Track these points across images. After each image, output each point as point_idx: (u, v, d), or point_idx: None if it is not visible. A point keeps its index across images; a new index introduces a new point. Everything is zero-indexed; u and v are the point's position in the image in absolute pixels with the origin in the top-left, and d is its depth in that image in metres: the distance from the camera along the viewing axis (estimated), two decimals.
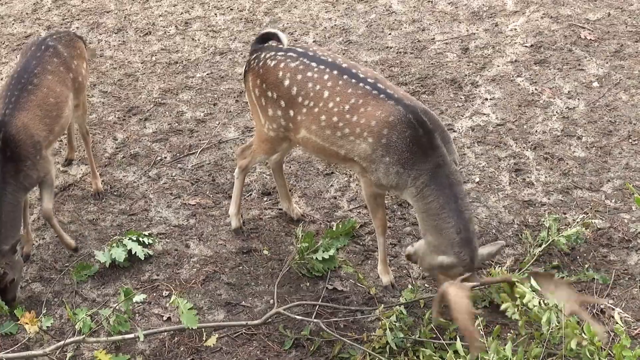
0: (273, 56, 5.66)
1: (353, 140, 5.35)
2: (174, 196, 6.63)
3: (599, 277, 5.72)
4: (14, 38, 8.27)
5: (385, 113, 5.23)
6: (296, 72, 5.54)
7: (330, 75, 5.45)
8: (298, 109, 5.54)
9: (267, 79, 5.64)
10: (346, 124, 5.35)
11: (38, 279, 6.11)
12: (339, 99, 5.38)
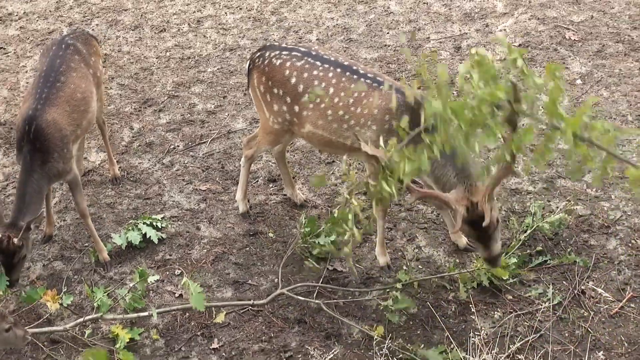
0: (278, 55, 5.67)
1: (359, 130, 5.40)
2: (186, 182, 6.62)
3: (580, 261, 5.73)
4: (38, 34, 8.26)
5: (385, 101, 5.27)
6: (302, 70, 5.56)
7: (334, 72, 5.48)
8: (304, 105, 5.56)
9: (274, 77, 5.65)
10: (352, 116, 5.41)
11: (59, 258, 6.12)
12: (343, 94, 5.40)
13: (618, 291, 5.52)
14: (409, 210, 6.18)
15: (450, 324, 5.44)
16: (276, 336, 5.49)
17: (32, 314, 5.72)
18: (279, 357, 5.37)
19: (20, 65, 7.87)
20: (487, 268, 5.53)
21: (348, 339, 5.40)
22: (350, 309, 5.58)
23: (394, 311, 5.43)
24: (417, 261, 5.86)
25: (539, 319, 5.38)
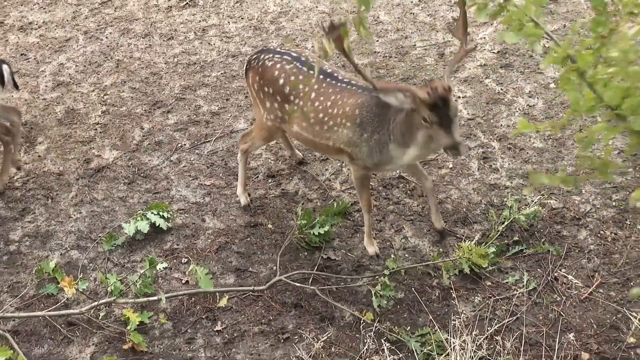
0: (271, 57, 5.74)
1: (337, 130, 5.44)
2: (192, 177, 6.61)
3: (553, 250, 5.74)
4: (56, 41, 8.25)
5: (355, 99, 5.35)
6: (290, 74, 5.61)
7: (317, 78, 5.52)
8: (291, 106, 5.62)
9: (265, 76, 5.72)
10: (330, 117, 5.45)
11: (76, 247, 6.12)
12: (323, 98, 5.47)
13: (588, 278, 5.53)
14: (397, 204, 6.19)
15: (434, 307, 5.45)
16: (275, 319, 5.50)
17: (50, 298, 5.74)
18: (277, 338, 5.38)
19: (39, 70, 7.86)
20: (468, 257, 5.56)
21: (340, 322, 5.42)
22: (342, 294, 5.59)
23: (383, 296, 5.45)
24: (403, 250, 5.86)
25: (515, 303, 5.40)
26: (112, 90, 7.54)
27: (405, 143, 5.21)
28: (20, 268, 6.00)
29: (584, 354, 5.06)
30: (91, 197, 6.51)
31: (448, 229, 5.99)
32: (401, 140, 5.21)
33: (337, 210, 6.07)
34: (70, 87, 7.63)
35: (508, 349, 4.96)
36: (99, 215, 6.36)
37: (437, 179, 6.33)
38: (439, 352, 5.01)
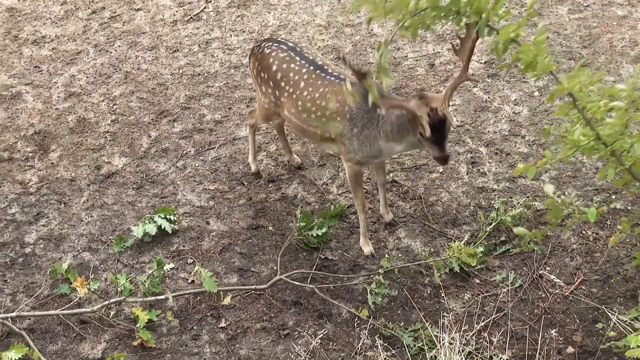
0: (269, 46, 5.87)
1: (325, 122, 5.49)
2: (196, 182, 6.62)
3: (538, 249, 5.76)
4: (68, 54, 8.25)
5: (344, 95, 5.29)
6: (283, 61, 5.71)
7: (307, 69, 5.61)
8: (281, 91, 5.72)
9: (262, 63, 5.84)
10: (318, 108, 5.50)
11: (87, 249, 6.13)
12: (311, 89, 5.54)
13: (571, 275, 5.55)
14: (390, 206, 6.19)
15: (426, 304, 5.47)
16: (275, 316, 5.51)
17: (64, 298, 5.75)
18: (278, 334, 5.39)
19: (52, 81, 7.87)
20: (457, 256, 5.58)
21: (338, 319, 5.43)
22: (339, 292, 5.61)
23: (377, 294, 5.47)
24: (397, 250, 5.88)
25: (502, 300, 5.42)
26: (121, 100, 7.55)
27: (395, 140, 5.29)
28: (35, 269, 6.01)
29: (568, 348, 5.08)
30: (102, 202, 6.52)
31: (396, 220, 6.09)
32: (391, 137, 5.28)
33: (334, 212, 6.09)
34: (81, 98, 7.63)
35: (495, 343, 4.97)
36: (109, 219, 6.37)
37: (428, 183, 6.35)
38: (430, 346, 5.03)
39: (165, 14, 8.71)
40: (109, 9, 8.86)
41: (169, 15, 8.68)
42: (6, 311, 5.64)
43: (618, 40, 7.58)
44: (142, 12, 8.78)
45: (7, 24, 8.76)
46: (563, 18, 7.98)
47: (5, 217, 6.45)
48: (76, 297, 5.63)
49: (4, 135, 7.25)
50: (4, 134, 7.25)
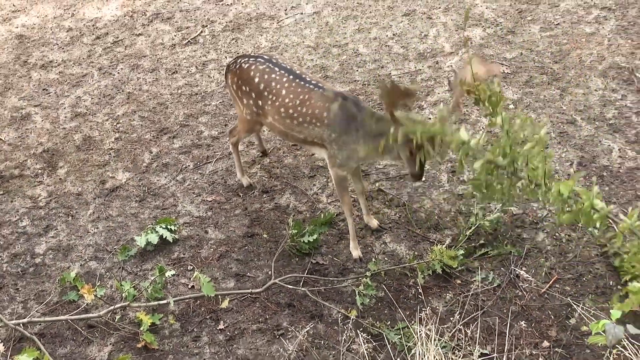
0: (247, 61, 5.94)
1: (307, 127, 5.59)
2: (195, 194, 6.64)
3: (514, 251, 5.77)
4: (74, 77, 8.28)
5: (322, 101, 5.49)
6: (264, 73, 5.79)
7: (287, 78, 5.70)
8: (264, 100, 5.78)
9: (241, 77, 5.91)
10: (299, 114, 5.59)
11: (94, 258, 6.13)
12: (292, 96, 5.62)
13: (545, 275, 5.56)
14: (376, 214, 6.21)
15: (411, 304, 5.48)
16: (270, 318, 5.52)
17: (72, 304, 5.76)
18: (273, 334, 5.40)
19: (59, 103, 7.89)
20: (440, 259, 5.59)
21: (328, 319, 5.44)
22: (330, 295, 5.61)
23: (365, 295, 5.49)
24: (383, 254, 5.89)
25: (482, 298, 5.43)
26: (124, 119, 7.57)
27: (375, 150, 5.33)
28: (45, 278, 6.02)
29: (544, 342, 5.10)
30: (107, 214, 6.53)
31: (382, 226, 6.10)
32: (371, 148, 5.34)
33: (324, 220, 6.11)
34: (86, 117, 7.65)
35: (476, 339, 4.99)
36: (114, 230, 6.38)
37: (412, 191, 6.37)
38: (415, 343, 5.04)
39: (164, 38, 8.74)
40: (111, 35, 8.89)
41: (168, 39, 8.71)
42: (18, 317, 5.65)
43: (587, 56, 7.62)
44: (143, 37, 8.80)
45: (17, 50, 8.78)
46: (535, 36, 8.02)
47: (16, 229, 6.47)
48: (84, 303, 5.64)
49: (15, 153, 7.26)
50: (15, 153, 7.27)
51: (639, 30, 7.90)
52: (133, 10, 9.29)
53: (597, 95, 7.14)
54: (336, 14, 8.76)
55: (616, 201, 6.10)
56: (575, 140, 6.69)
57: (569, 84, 7.30)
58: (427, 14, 8.57)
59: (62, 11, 9.41)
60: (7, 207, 6.68)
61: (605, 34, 7.90)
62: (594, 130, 6.77)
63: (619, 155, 6.50)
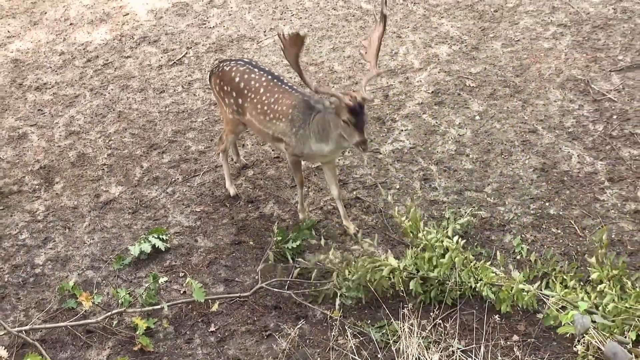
0: (228, 64, 6.13)
1: (275, 123, 5.79)
2: (185, 206, 6.64)
3: (484, 252, 5.82)
4: (67, 98, 8.24)
5: (291, 100, 5.71)
6: (244, 73, 5.97)
7: (265, 78, 5.91)
8: (244, 98, 5.95)
9: (224, 78, 6.07)
10: (271, 111, 5.79)
11: (90, 268, 6.13)
12: (268, 94, 5.82)
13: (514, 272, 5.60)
14: (354, 220, 6.24)
15: (389, 304, 5.50)
16: (258, 319, 5.54)
17: (71, 311, 5.74)
18: (261, 335, 5.41)
19: (54, 122, 7.86)
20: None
21: (313, 319, 5.47)
22: (313, 297, 5.63)
23: (347, 297, 5.51)
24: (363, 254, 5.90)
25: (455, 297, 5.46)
26: (115, 137, 7.55)
27: (322, 139, 5.61)
28: (45, 287, 6.00)
29: (513, 336, 5.14)
30: (102, 226, 6.52)
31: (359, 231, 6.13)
32: (319, 137, 5.60)
33: (306, 227, 6.13)
34: (80, 135, 7.63)
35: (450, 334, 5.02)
36: (109, 241, 6.37)
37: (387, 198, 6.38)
38: (395, 340, 5.07)
39: (151, 60, 8.73)
40: (102, 57, 8.86)
41: (155, 60, 8.70)
42: (20, 325, 5.63)
43: (545, 69, 7.70)
44: (131, 59, 8.79)
45: (12, 74, 8.74)
46: (498, 52, 8.09)
47: (16, 242, 6.44)
48: (82, 310, 5.63)
49: (13, 170, 7.23)
50: (13, 170, 7.24)
51: (592, 45, 7.99)
52: (121, 34, 9.26)
53: (556, 105, 7.22)
54: (312, 34, 8.79)
55: (576, 204, 6.18)
56: (537, 147, 6.76)
57: (530, 96, 7.37)
58: (397, 33, 8.62)
59: (54, 36, 9.37)
60: (7, 221, 6.64)
61: (562, 49, 7.98)
62: (554, 138, 6.84)
63: (578, 161, 6.57)
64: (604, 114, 7.04)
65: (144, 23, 9.43)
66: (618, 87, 7.35)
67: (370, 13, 9.06)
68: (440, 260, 5.42)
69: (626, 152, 6.60)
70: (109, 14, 9.72)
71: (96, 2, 10.02)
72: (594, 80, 7.47)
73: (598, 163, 6.52)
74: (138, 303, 5.66)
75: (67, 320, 5.62)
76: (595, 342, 4.50)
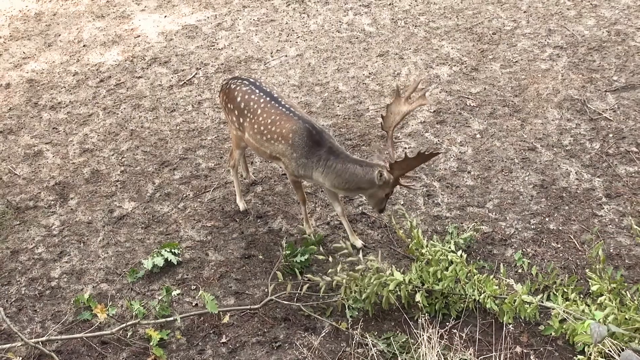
0: (235, 82, 6.16)
1: (273, 143, 5.80)
2: (196, 221, 6.63)
3: (486, 265, 5.81)
4: (81, 117, 8.25)
5: (291, 124, 5.70)
6: (245, 93, 6.01)
7: (265, 100, 5.91)
8: (244, 118, 5.99)
9: (229, 96, 6.13)
10: (269, 132, 5.81)
11: (105, 281, 6.10)
12: (265, 115, 5.84)
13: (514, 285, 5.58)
14: (360, 235, 6.24)
15: (395, 316, 5.49)
16: (268, 331, 5.51)
17: (86, 323, 5.71)
18: (271, 346, 5.38)
19: (68, 140, 7.86)
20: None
21: (321, 331, 5.43)
22: (321, 309, 5.62)
23: (354, 309, 5.49)
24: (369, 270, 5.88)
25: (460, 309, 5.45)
26: (128, 154, 7.55)
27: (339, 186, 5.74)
28: (60, 300, 5.97)
29: (517, 347, 5.12)
30: (115, 240, 6.50)
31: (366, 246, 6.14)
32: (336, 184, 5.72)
33: (314, 242, 6.11)
34: (94, 153, 7.63)
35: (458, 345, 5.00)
36: (122, 254, 6.35)
37: (392, 213, 6.38)
38: (400, 350, 5.05)
39: (162, 80, 8.75)
40: (114, 78, 8.89)
41: (166, 81, 8.73)
42: (37, 336, 5.60)
43: (543, 89, 7.72)
44: (143, 79, 8.81)
45: (28, 93, 8.76)
46: (496, 72, 8.12)
47: (33, 256, 6.42)
48: (97, 321, 5.61)
49: (29, 186, 7.22)
50: (29, 186, 7.23)
51: (588, 66, 8.02)
52: (133, 55, 9.29)
53: (554, 124, 7.24)
54: (317, 56, 8.82)
55: (575, 219, 6.17)
56: (536, 165, 6.77)
57: (529, 115, 7.39)
58: (399, 55, 8.65)
59: (68, 57, 9.39)
60: (23, 236, 6.63)
61: (559, 70, 8.01)
62: (552, 155, 6.85)
63: (576, 178, 6.58)
64: (601, 133, 7.06)
65: (155, 45, 9.46)
66: (613, 106, 7.37)
67: (373, 35, 9.09)
68: (445, 273, 5.39)
69: (622, 169, 6.61)
70: (120, 36, 9.76)
71: (108, 24, 10.06)
72: (590, 100, 7.50)
73: (595, 180, 6.53)
74: (151, 315, 5.64)
75: (82, 331, 5.59)
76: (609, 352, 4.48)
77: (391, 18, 9.47)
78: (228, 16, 9.95)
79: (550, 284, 5.47)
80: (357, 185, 5.65)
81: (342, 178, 5.63)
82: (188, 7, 10.28)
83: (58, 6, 10.66)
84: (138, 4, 10.51)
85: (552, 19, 9.01)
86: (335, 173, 5.63)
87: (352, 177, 5.60)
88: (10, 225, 6.76)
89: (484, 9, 9.41)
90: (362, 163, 5.62)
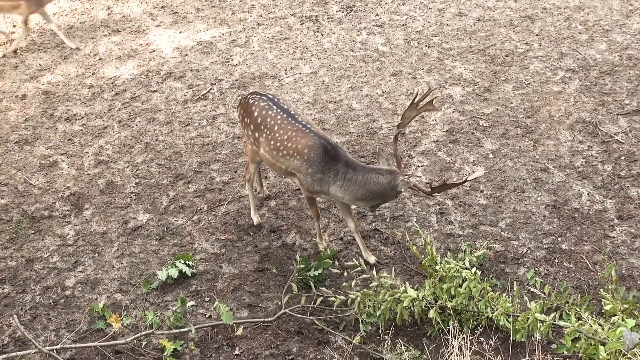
0: (253, 97, 6.21)
1: (289, 159, 5.84)
2: (210, 233, 6.65)
3: (499, 283, 5.83)
4: (96, 129, 8.30)
5: (307, 140, 5.76)
6: (262, 109, 6.06)
7: (281, 116, 5.95)
8: (260, 133, 6.03)
9: (246, 110, 6.18)
10: (285, 148, 5.85)
11: (119, 291, 6.12)
12: (282, 132, 5.88)
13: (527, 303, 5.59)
14: (373, 251, 6.26)
15: (408, 331, 5.51)
16: (281, 344, 5.52)
17: (100, 332, 5.73)
18: (284, 359, 5.39)
19: (84, 151, 7.90)
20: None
21: (334, 345, 5.45)
22: (335, 323, 5.63)
23: (367, 323, 5.51)
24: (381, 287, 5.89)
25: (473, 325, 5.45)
26: (142, 166, 7.59)
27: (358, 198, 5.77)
28: (75, 309, 5.99)
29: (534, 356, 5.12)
30: (130, 251, 6.53)
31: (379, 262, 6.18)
32: (358, 195, 5.74)
33: (327, 256, 6.14)
34: (109, 165, 7.67)
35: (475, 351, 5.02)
36: (137, 265, 6.38)
37: (405, 230, 6.41)
38: None
39: (177, 94, 8.81)
40: (129, 91, 8.95)
41: (181, 95, 8.79)
42: (51, 344, 5.62)
43: (555, 111, 7.77)
44: (158, 93, 8.87)
45: (44, 105, 8.82)
46: (509, 94, 8.17)
47: (47, 265, 6.44)
48: (111, 331, 5.62)
49: (45, 197, 7.26)
50: (45, 196, 7.27)
51: (600, 89, 8.07)
52: (148, 69, 9.36)
53: (566, 146, 7.27)
54: (331, 74, 8.89)
55: (587, 240, 6.20)
56: (548, 185, 6.80)
57: (541, 136, 7.43)
58: (412, 74, 8.71)
59: (84, 70, 9.47)
60: (38, 245, 6.66)
61: (571, 93, 8.06)
62: (564, 176, 6.89)
63: (588, 199, 6.61)
64: (612, 155, 7.09)
65: (170, 60, 9.53)
66: (625, 129, 7.41)
67: (387, 55, 9.16)
68: (458, 290, 5.41)
69: (634, 191, 6.64)
70: (136, 50, 9.84)
71: (124, 39, 10.14)
72: (601, 122, 7.54)
73: (607, 201, 6.56)
74: (165, 325, 5.65)
75: (96, 340, 5.61)
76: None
77: (404, 38, 9.54)
78: (242, 33, 10.03)
79: (562, 303, 5.48)
80: (381, 194, 5.69)
81: (365, 189, 5.66)
82: (203, 24, 10.36)
83: (74, 20, 10.75)
84: (153, 19, 10.60)
85: (564, 42, 9.07)
86: (358, 185, 5.66)
87: (377, 186, 5.64)
88: (25, 234, 6.79)
89: (496, 32, 9.48)
90: (381, 171, 5.66)
